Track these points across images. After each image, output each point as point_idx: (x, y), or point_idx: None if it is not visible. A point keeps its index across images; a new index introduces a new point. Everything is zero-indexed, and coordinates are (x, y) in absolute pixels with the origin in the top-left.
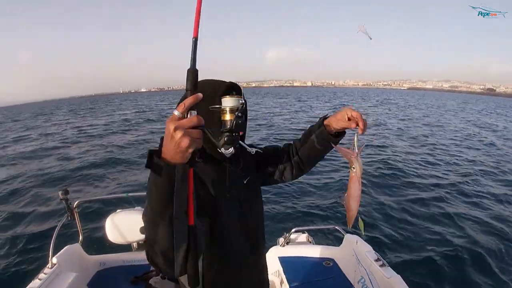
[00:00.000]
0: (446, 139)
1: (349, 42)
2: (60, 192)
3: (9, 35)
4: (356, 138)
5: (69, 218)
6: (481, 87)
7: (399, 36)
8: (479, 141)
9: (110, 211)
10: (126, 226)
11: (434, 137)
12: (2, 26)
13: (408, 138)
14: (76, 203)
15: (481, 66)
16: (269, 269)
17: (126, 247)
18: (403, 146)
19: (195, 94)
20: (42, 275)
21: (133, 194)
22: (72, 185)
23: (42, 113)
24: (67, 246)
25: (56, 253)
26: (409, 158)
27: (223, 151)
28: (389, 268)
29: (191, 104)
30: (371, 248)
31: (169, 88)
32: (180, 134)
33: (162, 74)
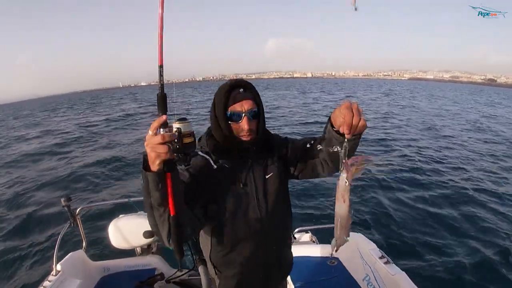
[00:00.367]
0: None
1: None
2: (62, 199)
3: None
4: (346, 144)
5: (72, 224)
6: (482, 78)
7: (399, 25)
8: None
9: (113, 217)
10: (129, 231)
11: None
12: (1, 20)
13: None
14: (78, 210)
15: (481, 56)
16: None
17: (129, 252)
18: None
19: (160, 116)
20: (46, 283)
21: (135, 199)
22: (73, 190)
23: (43, 109)
24: (71, 253)
25: (60, 260)
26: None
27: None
28: (393, 265)
29: (157, 125)
30: (375, 245)
31: (168, 81)
32: (148, 150)
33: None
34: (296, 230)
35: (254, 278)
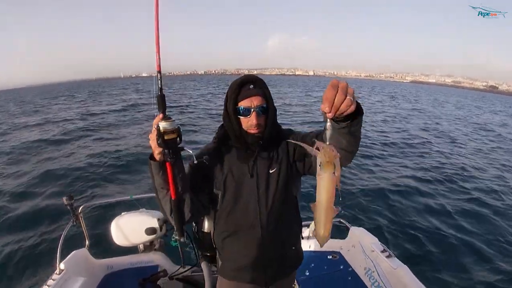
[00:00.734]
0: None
1: (352, 31)
2: (64, 198)
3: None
4: (328, 124)
5: (74, 223)
6: (484, 84)
7: (402, 27)
8: None
9: (115, 214)
10: (132, 228)
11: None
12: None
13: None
14: (80, 208)
15: (484, 62)
16: None
17: (132, 250)
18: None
19: (158, 115)
20: (50, 282)
21: (137, 196)
22: (75, 188)
23: (43, 97)
24: (74, 251)
25: (63, 258)
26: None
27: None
28: (395, 258)
29: (156, 122)
30: (377, 239)
31: (170, 73)
32: (149, 142)
33: (163, 59)
34: None
35: (252, 267)
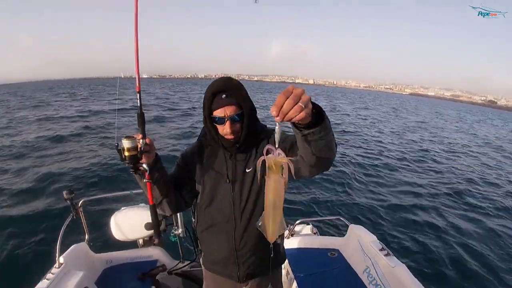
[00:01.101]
0: None
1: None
2: (64, 192)
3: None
4: (277, 128)
5: (74, 217)
6: (482, 98)
7: (403, 39)
8: None
9: (115, 209)
10: (131, 223)
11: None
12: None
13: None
14: (80, 202)
15: (483, 76)
16: None
17: (131, 244)
18: None
19: (138, 133)
20: (49, 275)
21: (137, 191)
22: (75, 183)
23: (44, 93)
24: (74, 245)
25: (62, 252)
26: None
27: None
28: (394, 257)
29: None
30: (376, 237)
31: (170, 75)
32: None
33: (163, 61)
34: (297, 222)
35: (226, 262)
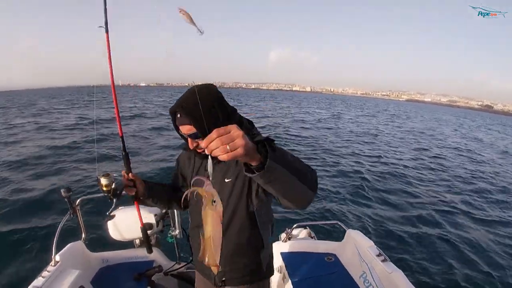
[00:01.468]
0: None
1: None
2: (62, 190)
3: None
4: (209, 160)
5: (71, 215)
6: (479, 103)
7: (399, 46)
8: None
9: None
10: (128, 223)
11: None
12: (3, 8)
13: None
14: (78, 201)
15: (479, 81)
16: None
17: (128, 244)
18: None
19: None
20: (45, 273)
21: None
22: (73, 182)
23: (39, 100)
24: (70, 244)
25: (59, 250)
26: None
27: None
28: (390, 263)
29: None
30: (373, 243)
31: (168, 84)
32: None
33: (161, 70)
34: (294, 226)
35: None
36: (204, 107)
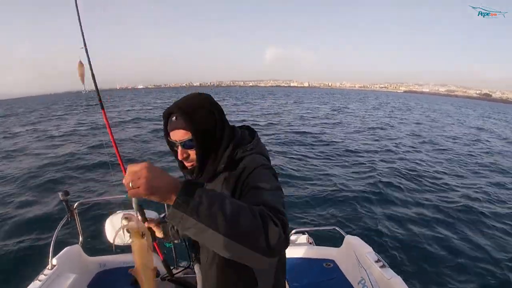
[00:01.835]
0: None
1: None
2: (60, 193)
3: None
4: (133, 200)
5: (69, 219)
6: (477, 92)
7: (396, 38)
8: None
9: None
10: None
11: None
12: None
13: None
14: (76, 204)
15: (477, 70)
16: None
17: (126, 249)
18: None
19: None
20: (42, 276)
21: None
22: (71, 186)
23: (37, 108)
24: (67, 247)
25: (56, 254)
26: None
27: None
28: (389, 269)
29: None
30: (372, 249)
31: (165, 85)
32: None
33: (158, 71)
34: (293, 232)
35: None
36: (205, 111)
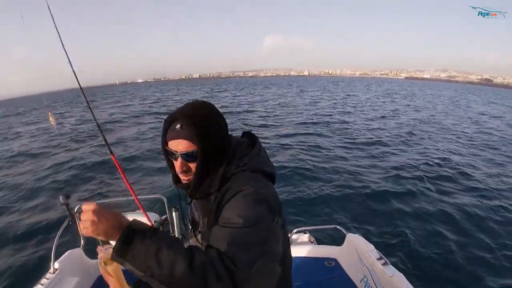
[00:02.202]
0: None
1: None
2: (61, 196)
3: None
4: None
5: (70, 222)
6: (478, 77)
7: (396, 24)
8: None
9: None
10: None
11: None
12: None
13: None
14: (77, 208)
15: (478, 56)
16: None
17: None
18: None
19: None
20: (44, 281)
21: (133, 197)
22: (72, 189)
23: (38, 107)
24: (69, 251)
25: (57, 258)
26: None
27: None
28: (391, 266)
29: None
30: (373, 247)
31: (165, 78)
32: None
33: (157, 64)
34: (294, 231)
35: None
36: (213, 124)
